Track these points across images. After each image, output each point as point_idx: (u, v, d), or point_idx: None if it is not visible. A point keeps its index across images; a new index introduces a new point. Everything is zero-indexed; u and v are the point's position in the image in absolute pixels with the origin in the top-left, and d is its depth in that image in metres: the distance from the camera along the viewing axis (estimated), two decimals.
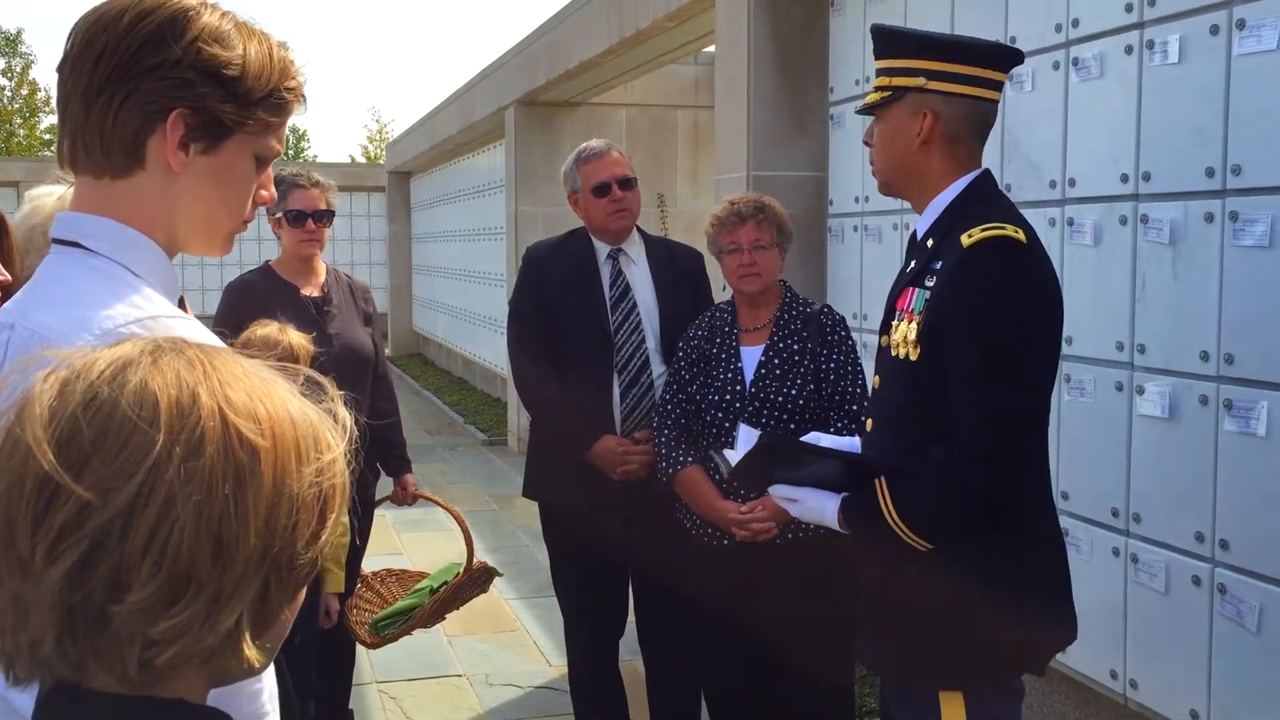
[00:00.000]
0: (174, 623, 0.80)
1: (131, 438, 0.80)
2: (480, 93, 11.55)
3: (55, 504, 0.79)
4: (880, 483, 2.22)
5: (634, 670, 4.20)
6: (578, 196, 3.65)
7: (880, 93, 2.32)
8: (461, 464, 9.82)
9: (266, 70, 1.38)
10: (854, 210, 4.72)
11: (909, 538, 2.19)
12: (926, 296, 2.20)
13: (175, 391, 0.82)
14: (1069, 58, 3.40)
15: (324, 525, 0.88)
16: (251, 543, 0.82)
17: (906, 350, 2.22)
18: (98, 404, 0.81)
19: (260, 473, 0.82)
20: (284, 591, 0.87)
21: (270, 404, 0.86)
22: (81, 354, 0.86)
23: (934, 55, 2.29)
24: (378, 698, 4.75)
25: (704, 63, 10.00)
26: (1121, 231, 3.20)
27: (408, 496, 4.11)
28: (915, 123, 2.28)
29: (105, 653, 0.81)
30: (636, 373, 3.57)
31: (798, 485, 2.35)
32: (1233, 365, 2.85)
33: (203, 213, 1.42)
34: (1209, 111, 2.91)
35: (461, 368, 14.89)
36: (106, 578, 0.79)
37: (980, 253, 2.13)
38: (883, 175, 2.39)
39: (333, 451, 0.88)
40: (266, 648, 0.88)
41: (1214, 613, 2.94)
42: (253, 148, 1.41)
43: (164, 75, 1.32)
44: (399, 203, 18.43)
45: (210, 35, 1.33)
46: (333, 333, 3.73)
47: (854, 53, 4.71)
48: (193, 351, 0.87)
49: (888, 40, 2.36)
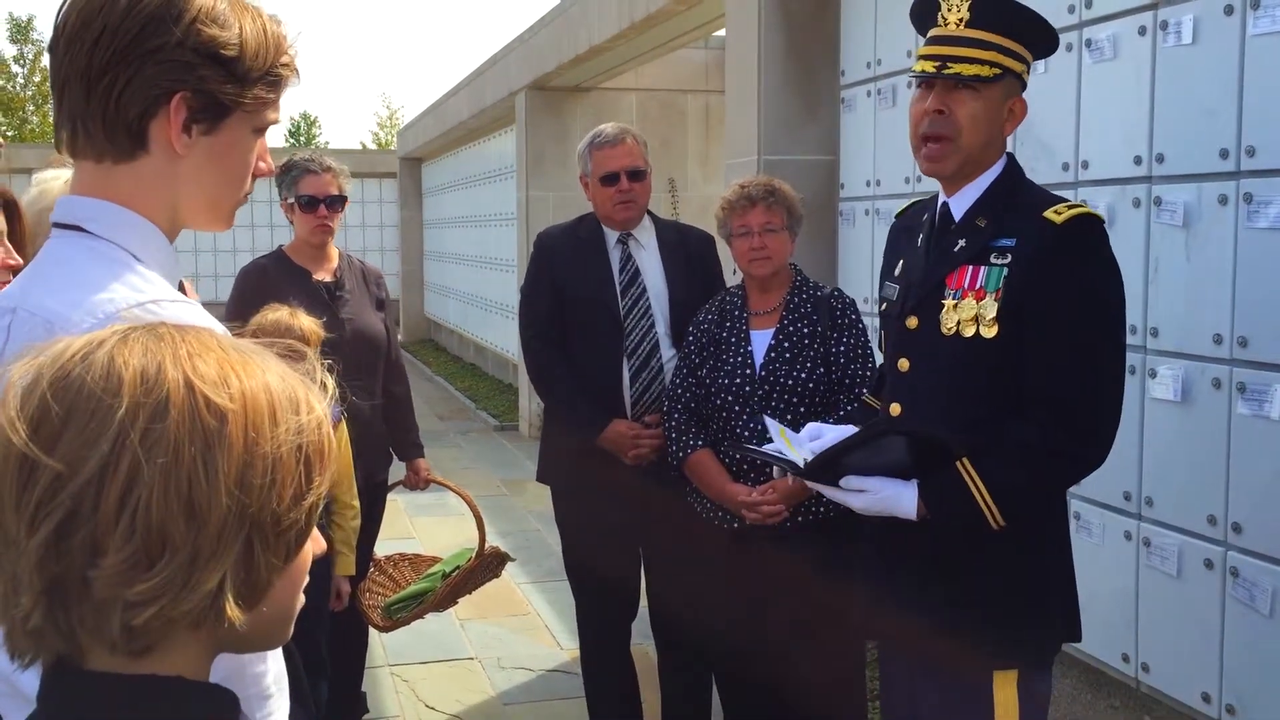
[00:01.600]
0: (151, 584, 0.81)
1: (97, 409, 0.82)
2: (491, 78, 11.54)
3: (34, 478, 0.81)
4: (964, 464, 2.19)
5: (645, 654, 4.21)
6: (587, 180, 3.65)
7: (990, 68, 2.23)
8: (473, 449, 9.85)
9: (262, 48, 1.38)
10: (865, 194, 4.71)
11: (994, 517, 2.18)
12: (1004, 274, 2.19)
13: (140, 364, 0.84)
14: (1082, 39, 3.38)
15: (310, 484, 0.89)
16: (224, 504, 0.83)
17: (976, 329, 2.21)
18: (65, 382, 0.84)
19: (227, 435, 0.84)
20: (272, 552, 0.87)
21: (243, 372, 0.87)
22: (61, 341, 0.89)
23: (1042, 47, 2.30)
24: (390, 680, 4.78)
25: (714, 47, 9.96)
26: (1135, 214, 3.18)
27: (420, 481, 4.12)
28: (1005, 107, 2.28)
29: (89, 620, 0.83)
30: (646, 357, 3.57)
31: (867, 475, 2.27)
32: (1246, 348, 2.84)
33: (206, 192, 1.42)
34: (1223, 92, 2.89)
35: (473, 353, 14.91)
36: (84, 544, 0.81)
37: (1077, 229, 2.16)
38: (968, 152, 2.27)
39: (314, 412, 0.90)
40: (264, 612, 0.89)
41: (1226, 596, 2.93)
42: (251, 123, 1.42)
43: (166, 58, 1.31)
44: (410, 188, 18.44)
45: (207, 16, 1.33)
46: (345, 318, 3.74)
47: (865, 36, 4.68)
48: (165, 329, 0.89)
49: (1015, 18, 2.27)
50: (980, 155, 2.29)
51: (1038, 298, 2.17)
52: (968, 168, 2.30)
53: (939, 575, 2.30)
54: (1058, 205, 2.20)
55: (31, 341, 1.27)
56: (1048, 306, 2.16)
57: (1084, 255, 2.18)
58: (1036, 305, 2.17)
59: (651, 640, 3.92)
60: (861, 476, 2.27)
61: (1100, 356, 2.18)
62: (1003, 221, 2.25)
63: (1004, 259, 2.21)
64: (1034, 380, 2.19)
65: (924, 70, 2.26)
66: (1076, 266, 2.17)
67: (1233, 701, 2.92)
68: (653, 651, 3.96)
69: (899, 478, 2.25)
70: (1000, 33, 2.23)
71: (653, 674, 3.93)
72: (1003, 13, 2.26)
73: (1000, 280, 2.20)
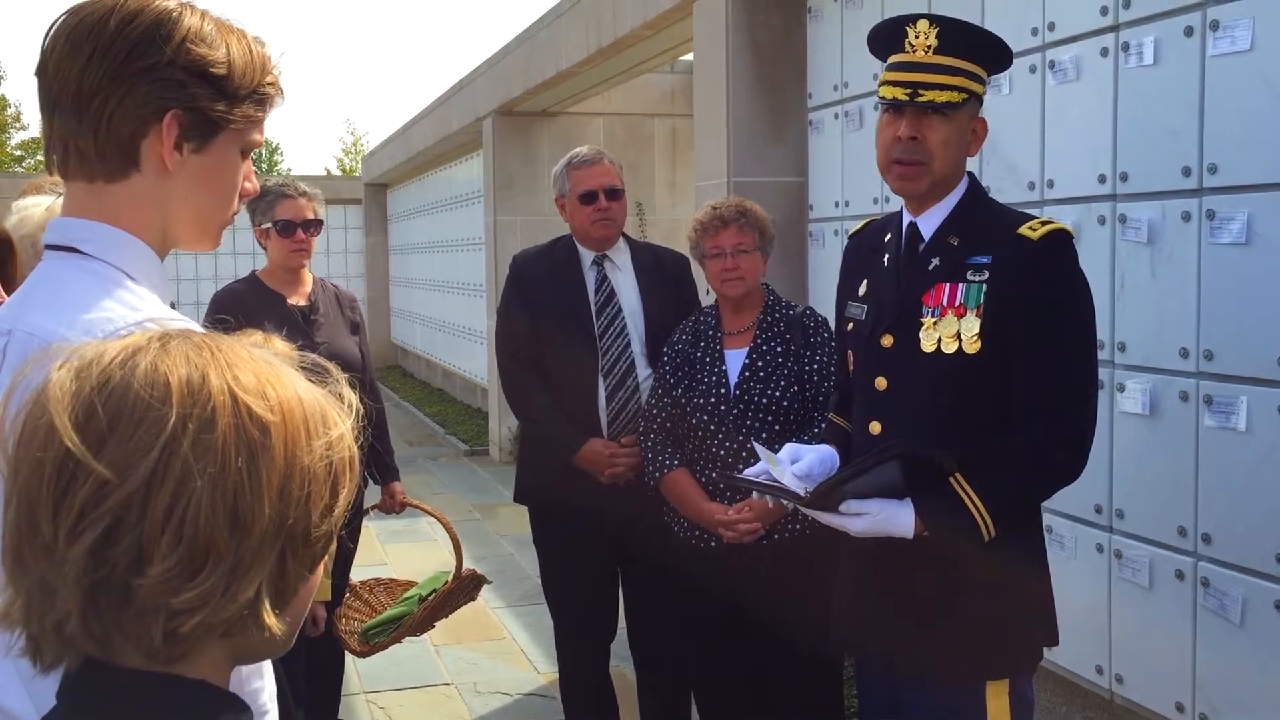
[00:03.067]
0: (196, 592, 0.82)
1: (145, 416, 0.82)
2: (457, 103, 11.56)
3: (75, 484, 0.81)
4: (958, 479, 2.22)
5: (623, 676, 4.21)
6: (565, 201, 3.68)
7: (959, 93, 2.28)
8: (444, 474, 9.81)
9: (250, 67, 1.41)
10: (834, 215, 4.76)
11: (988, 529, 2.21)
12: (983, 289, 2.24)
13: (185, 371, 0.85)
14: (1045, 61, 3.45)
15: (337, 498, 0.91)
16: (267, 514, 0.84)
17: (959, 345, 2.25)
18: (111, 387, 0.84)
19: (271, 446, 0.85)
20: (301, 563, 0.89)
21: (278, 383, 0.89)
22: (93, 345, 0.89)
23: (998, 68, 2.35)
24: (366, 708, 4.74)
25: (680, 71, 10.04)
26: (1100, 231, 3.24)
27: (396, 504, 4.11)
28: (969, 128, 2.34)
29: (130, 627, 0.83)
30: (622, 376, 3.59)
31: (864, 499, 2.26)
32: (1212, 361, 2.90)
33: (196, 209, 1.44)
34: (1185, 112, 2.96)
35: (441, 379, 14.86)
36: (128, 552, 0.81)
37: (1053, 244, 2.23)
38: (939, 174, 2.32)
39: (340, 427, 0.91)
40: (288, 620, 0.91)
41: (1198, 606, 2.98)
42: (238, 142, 1.44)
43: (158, 77, 1.33)
44: (376, 215, 18.39)
45: (196, 36, 1.35)
46: (320, 341, 3.73)
47: (832, 58, 4.75)
48: (199, 338, 0.90)
49: (980, 44, 2.33)
50: (950, 176, 2.35)
51: (1019, 312, 2.21)
52: (939, 188, 2.35)
53: (927, 590, 2.33)
54: (1030, 222, 2.26)
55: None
56: (1030, 320, 2.21)
57: (1061, 269, 2.24)
58: (1018, 319, 2.21)
59: (630, 661, 3.93)
60: (860, 500, 2.26)
61: (1080, 367, 2.24)
62: (975, 239, 2.30)
63: (981, 275, 2.26)
64: (1019, 392, 2.23)
65: (895, 97, 2.30)
66: (1054, 280, 2.23)
67: (1206, 711, 2.96)
68: (631, 672, 3.96)
69: (893, 498, 2.26)
70: (965, 58, 2.29)
71: (631, 695, 3.93)
72: (968, 39, 2.31)
73: (981, 296, 2.24)
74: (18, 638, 0.87)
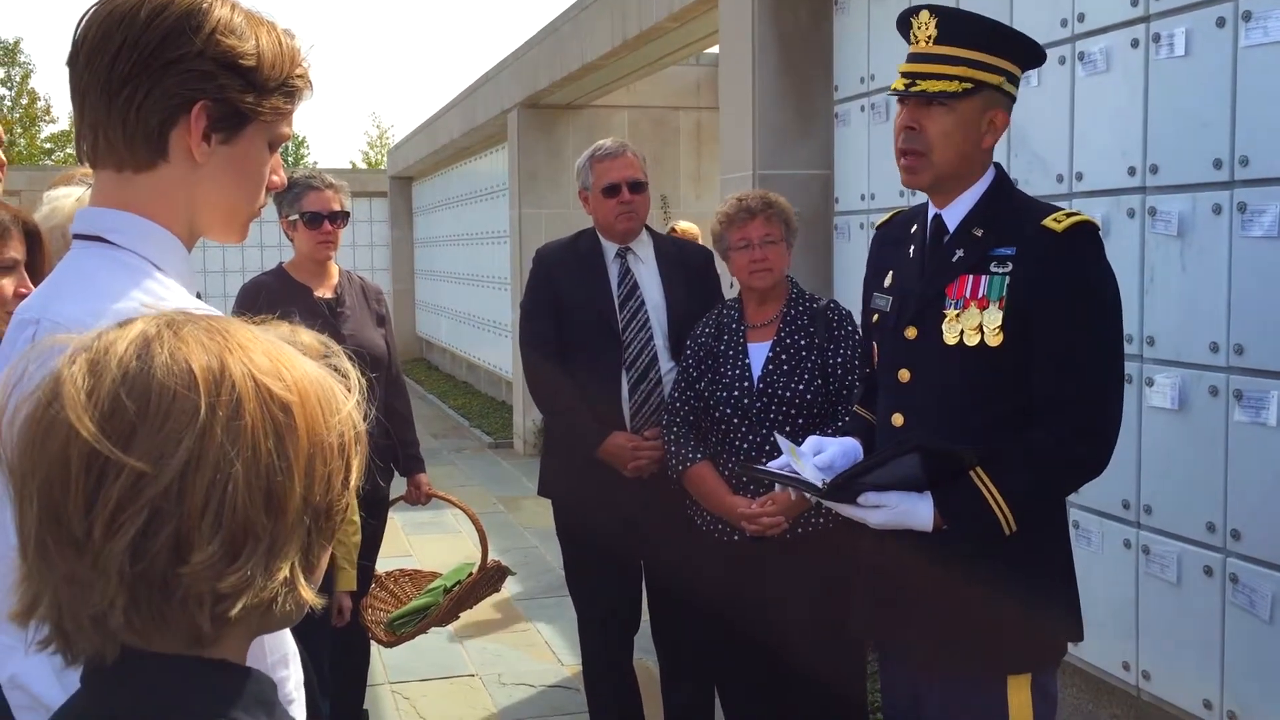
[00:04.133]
0: (239, 575, 0.83)
1: (174, 405, 0.82)
2: (482, 96, 11.58)
3: (107, 479, 0.81)
4: (978, 473, 2.21)
5: (647, 669, 4.22)
6: (588, 194, 3.68)
7: (960, 83, 2.26)
8: (468, 466, 9.84)
9: (279, 59, 1.41)
10: (860, 208, 4.74)
11: (1008, 522, 2.21)
12: (1006, 281, 2.23)
13: (205, 358, 0.85)
14: (1075, 52, 3.42)
15: (350, 473, 0.92)
16: (298, 493, 0.86)
17: (981, 337, 2.24)
18: (132, 377, 0.83)
19: (295, 426, 0.86)
20: (324, 535, 0.91)
21: (290, 363, 0.89)
22: (95, 335, 0.88)
23: (1019, 57, 2.31)
24: (391, 698, 4.77)
25: (705, 64, 10.02)
26: (1129, 224, 3.21)
27: (421, 495, 4.13)
28: (984, 120, 2.29)
29: (173, 615, 0.84)
30: (645, 369, 3.59)
31: (884, 491, 2.27)
32: (1242, 356, 2.87)
33: (224, 201, 1.45)
34: (1216, 103, 2.93)
35: (465, 372, 14.91)
36: (168, 543, 0.82)
37: (1077, 236, 2.21)
38: (940, 167, 2.31)
39: (348, 402, 0.92)
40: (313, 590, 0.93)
41: (1226, 602, 2.95)
42: (267, 135, 1.45)
43: (187, 68, 1.34)
44: (401, 208, 18.45)
45: (226, 27, 1.36)
46: (346, 333, 3.75)
47: (858, 51, 4.72)
48: (206, 321, 0.90)
49: (980, 31, 2.30)
50: (959, 168, 2.32)
51: (1042, 304, 2.20)
52: (946, 181, 2.33)
53: (948, 584, 2.31)
54: (1055, 214, 2.25)
55: None
56: (1053, 313, 2.20)
57: (1085, 262, 2.23)
58: (1041, 312, 2.20)
59: (653, 654, 3.93)
60: (879, 493, 2.26)
61: (1104, 361, 2.22)
62: (999, 231, 2.28)
63: (1005, 268, 2.24)
64: (1041, 385, 2.22)
65: (894, 88, 2.32)
66: (1078, 273, 2.21)
67: (1234, 708, 2.94)
68: (654, 665, 3.96)
69: (913, 491, 2.26)
70: (970, 47, 2.26)
71: (655, 687, 3.93)
72: (969, 27, 2.29)
73: (1004, 288, 2.23)
74: (38, 631, 0.87)
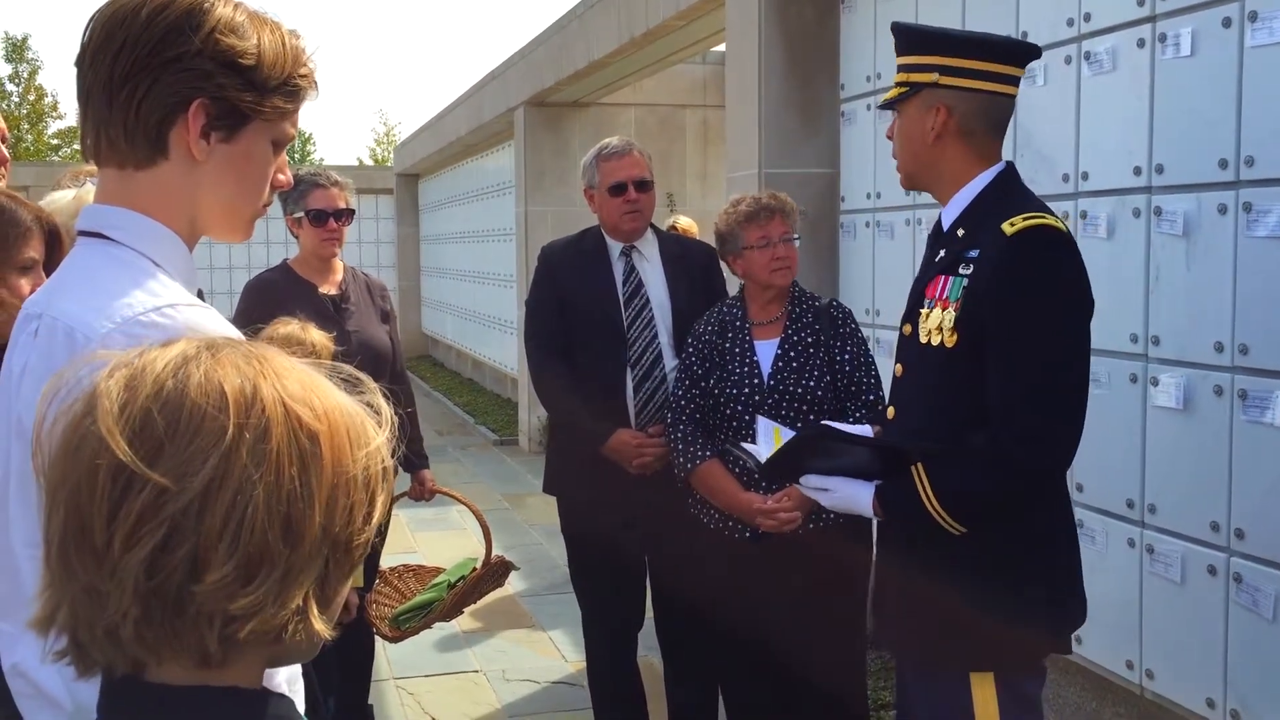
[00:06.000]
0: (250, 599, 0.83)
1: (203, 425, 0.83)
2: (489, 94, 11.58)
3: (131, 492, 0.82)
4: (918, 469, 2.25)
5: (651, 666, 4.22)
6: (594, 192, 3.69)
7: (898, 88, 2.38)
8: (473, 463, 9.86)
9: (280, 58, 1.42)
10: (866, 206, 4.74)
11: (946, 522, 2.23)
12: (964, 284, 2.25)
13: (238, 381, 0.85)
14: (1081, 52, 3.42)
15: (373, 508, 0.91)
16: (317, 523, 0.86)
17: (941, 337, 2.26)
18: (165, 395, 0.84)
19: (321, 455, 0.86)
20: (342, 570, 0.90)
21: (322, 393, 0.90)
22: (138, 353, 0.90)
23: (946, 51, 2.33)
24: (396, 694, 4.78)
25: (712, 62, 10.02)
26: (1135, 224, 3.21)
27: (425, 492, 4.14)
28: (929, 117, 2.33)
29: (184, 633, 0.84)
30: (650, 367, 3.60)
31: (828, 475, 2.39)
32: (1247, 356, 2.87)
33: (225, 199, 1.46)
34: (1221, 103, 2.93)
35: (471, 369, 14.93)
36: (185, 560, 0.82)
37: (1026, 240, 2.19)
38: (902, 168, 2.45)
39: (377, 438, 0.92)
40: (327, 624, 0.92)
41: (1230, 602, 2.95)
42: (270, 134, 1.46)
43: (185, 67, 1.35)
44: (407, 205, 18.47)
45: (226, 26, 1.37)
46: (351, 330, 3.76)
47: (865, 49, 4.73)
48: (245, 346, 0.91)
49: (904, 37, 2.41)
50: (918, 167, 2.40)
51: (989, 308, 2.20)
52: (918, 180, 2.45)
53: (921, 578, 2.34)
54: (1014, 217, 2.21)
55: (52, 347, 1.31)
56: (996, 316, 2.19)
57: (1031, 266, 2.19)
58: (987, 315, 2.20)
59: (658, 651, 3.94)
60: (822, 476, 2.40)
61: (1046, 365, 2.18)
62: (974, 232, 2.29)
63: (968, 270, 2.26)
64: (991, 389, 2.22)
65: None
66: (1021, 277, 2.19)
67: (1237, 707, 2.94)
68: (659, 662, 3.97)
69: (862, 479, 2.36)
70: (907, 54, 2.38)
71: (659, 684, 3.94)
72: (903, 37, 2.42)
73: (960, 290, 2.25)
74: (55, 640, 0.88)
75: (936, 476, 2.25)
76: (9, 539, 1.35)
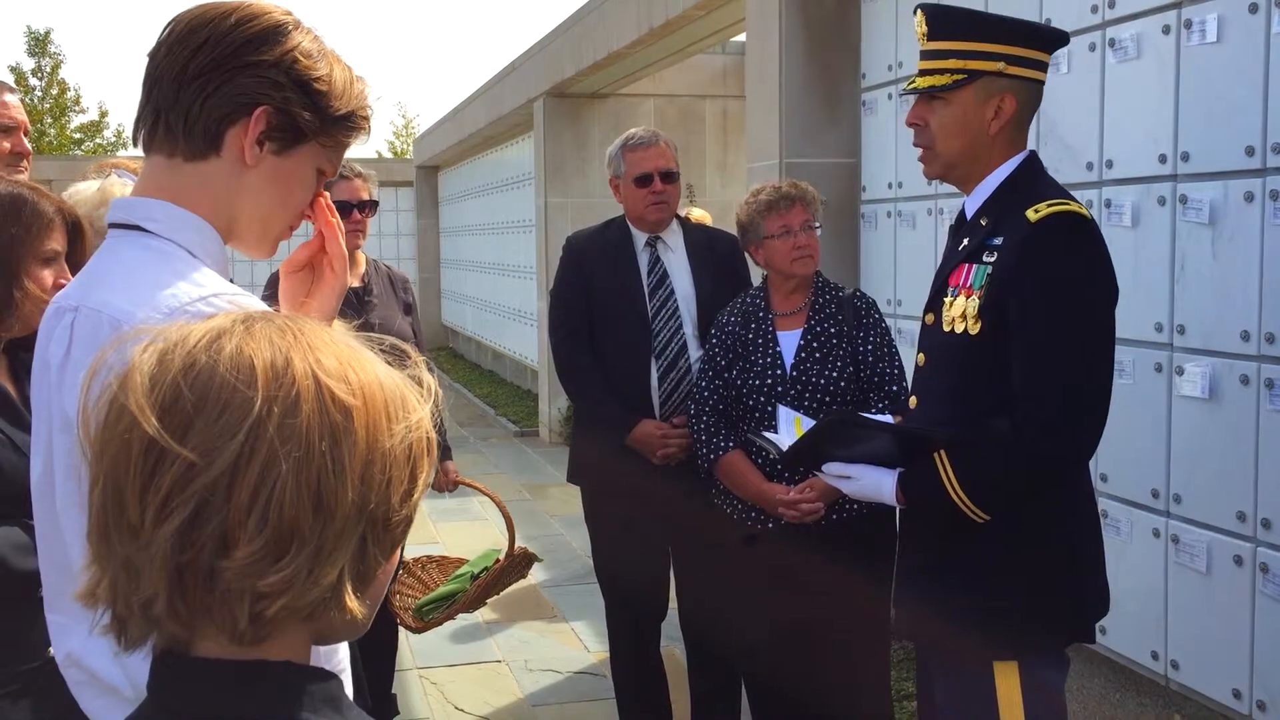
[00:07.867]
0: (281, 576, 0.83)
1: (231, 400, 0.83)
2: (508, 85, 11.59)
3: (162, 466, 0.82)
4: (941, 456, 2.25)
5: (673, 656, 4.23)
6: (619, 182, 3.68)
7: (950, 75, 2.29)
8: (494, 455, 9.88)
9: (348, 93, 1.49)
10: (887, 196, 4.73)
11: (969, 509, 2.23)
12: (988, 272, 2.24)
13: (269, 355, 0.85)
14: (1105, 39, 3.40)
15: (415, 484, 0.91)
16: (350, 499, 0.85)
17: (965, 325, 2.26)
18: (196, 370, 0.84)
19: (354, 430, 0.85)
20: (381, 548, 0.89)
21: (359, 367, 0.89)
22: (176, 327, 0.90)
23: (1016, 40, 2.30)
24: (419, 683, 4.81)
25: (731, 52, 9.99)
26: (1160, 212, 3.19)
27: (448, 483, 4.15)
28: (989, 107, 2.30)
29: (215, 609, 0.84)
30: (674, 357, 3.60)
31: (850, 463, 2.39)
32: (1274, 344, 2.85)
33: (262, 209, 1.48)
34: (1248, 90, 2.91)
35: (491, 360, 14.96)
36: (214, 535, 0.82)
37: (1050, 227, 2.18)
38: (946, 159, 2.35)
39: (419, 411, 0.91)
40: (367, 604, 0.91)
41: (1256, 592, 2.94)
42: (317, 160, 1.50)
43: (259, 74, 1.41)
44: (427, 197, 18.51)
45: (305, 51, 1.44)
46: (374, 322, 3.77)
47: (887, 38, 4.71)
48: (282, 320, 0.91)
49: (963, 22, 2.32)
50: (966, 157, 2.34)
51: (1013, 296, 2.19)
52: (957, 170, 2.37)
53: (943, 567, 2.34)
54: (1038, 204, 2.20)
55: (97, 339, 1.31)
56: (1019, 303, 2.19)
57: (1056, 252, 2.18)
58: (1011, 302, 2.20)
59: (680, 642, 3.94)
60: (844, 464, 2.40)
61: (1069, 353, 2.17)
62: (998, 220, 2.28)
63: (991, 257, 2.25)
64: (1015, 377, 2.21)
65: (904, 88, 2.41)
66: (1046, 264, 2.18)
67: (1264, 697, 2.93)
68: (681, 653, 3.98)
69: (886, 466, 2.35)
70: (958, 39, 2.29)
71: (682, 674, 3.95)
72: (953, 20, 2.33)
73: (984, 278, 2.24)
74: (102, 615, 0.88)
75: (960, 463, 2.24)
76: (60, 531, 1.36)
